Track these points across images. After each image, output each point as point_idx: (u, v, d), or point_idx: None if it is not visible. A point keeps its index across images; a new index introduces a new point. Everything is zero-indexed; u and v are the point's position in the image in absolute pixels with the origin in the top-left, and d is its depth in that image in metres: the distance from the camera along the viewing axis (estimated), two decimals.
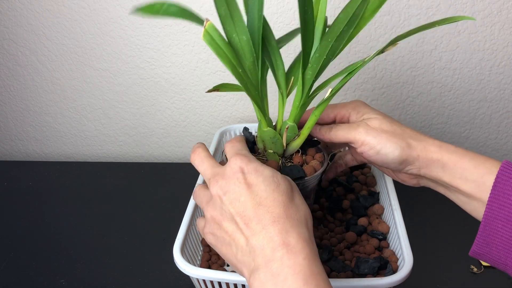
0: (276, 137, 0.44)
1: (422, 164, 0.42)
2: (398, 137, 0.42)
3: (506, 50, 0.71)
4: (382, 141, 0.42)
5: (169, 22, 0.72)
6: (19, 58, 0.79)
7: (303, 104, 0.44)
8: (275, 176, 0.37)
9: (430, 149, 0.41)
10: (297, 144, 0.46)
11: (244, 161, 0.38)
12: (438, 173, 0.41)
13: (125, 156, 0.89)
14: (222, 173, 0.38)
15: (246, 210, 0.35)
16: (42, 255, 0.62)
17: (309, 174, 0.44)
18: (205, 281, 0.47)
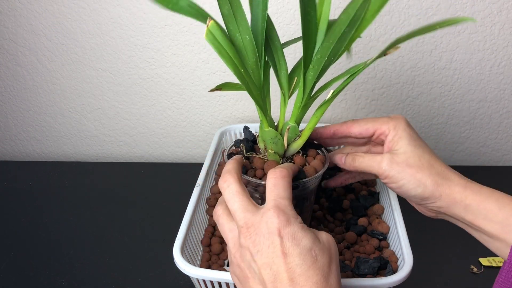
0: (277, 138, 0.44)
1: (443, 203, 0.41)
2: (423, 173, 0.41)
3: (506, 50, 0.71)
4: (406, 177, 0.41)
5: (169, 22, 0.72)
6: (19, 58, 0.79)
7: (305, 105, 0.44)
8: (314, 249, 0.34)
9: (454, 189, 0.41)
10: (298, 145, 0.45)
11: (283, 221, 0.34)
12: (460, 213, 0.41)
13: (125, 156, 0.89)
14: (256, 226, 0.35)
15: (277, 282, 0.33)
16: (42, 255, 0.62)
17: (310, 175, 0.44)
18: (205, 281, 0.47)
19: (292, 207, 0.36)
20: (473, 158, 0.84)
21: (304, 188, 0.45)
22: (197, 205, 0.57)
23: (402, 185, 0.42)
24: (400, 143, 0.43)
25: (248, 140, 0.48)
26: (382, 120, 0.46)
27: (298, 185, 0.44)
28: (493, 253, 0.58)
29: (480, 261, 0.58)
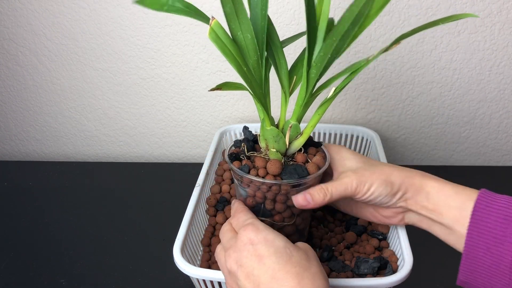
0: (279, 136, 0.44)
1: (409, 195, 0.43)
2: (385, 173, 0.43)
3: (506, 50, 0.71)
4: (374, 182, 0.43)
5: (169, 22, 0.72)
6: (19, 58, 0.79)
7: (306, 102, 0.44)
8: (288, 247, 0.36)
9: (415, 179, 0.43)
10: (300, 142, 0.45)
11: (253, 231, 0.37)
12: (423, 201, 0.42)
13: (125, 156, 0.89)
14: (234, 245, 0.38)
15: (261, 285, 0.34)
16: (42, 255, 0.62)
17: (312, 172, 0.44)
18: (205, 281, 0.47)
19: (260, 222, 0.40)
20: (473, 158, 0.84)
21: (308, 187, 0.45)
22: (197, 205, 0.57)
23: (374, 191, 0.42)
24: (348, 163, 0.46)
25: (249, 140, 0.48)
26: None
27: (300, 183, 0.44)
28: None
29: None
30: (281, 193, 0.44)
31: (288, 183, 0.43)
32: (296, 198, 0.43)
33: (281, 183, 0.43)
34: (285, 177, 0.43)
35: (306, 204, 0.43)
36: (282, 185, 0.43)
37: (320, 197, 0.42)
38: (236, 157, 0.47)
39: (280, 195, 0.44)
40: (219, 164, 0.70)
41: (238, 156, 0.47)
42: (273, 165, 0.43)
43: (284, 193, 0.44)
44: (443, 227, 0.43)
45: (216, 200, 0.63)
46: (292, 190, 0.44)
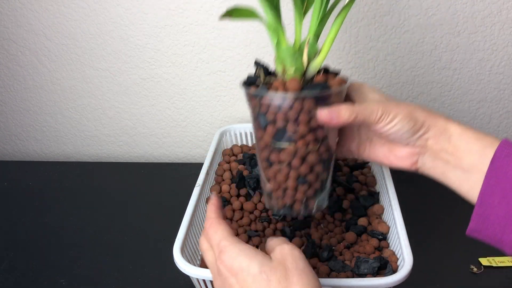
0: (297, 54, 0.41)
1: (431, 134, 0.42)
2: (411, 106, 0.42)
3: (506, 50, 0.71)
4: (399, 113, 0.41)
5: (169, 22, 0.72)
6: (19, 58, 0.79)
7: (323, 17, 0.42)
8: (263, 272, 0.35)
9: (439, 120, 0.42)
10: (319, 62, 0.42)
11: (228, 261, 0.37)
12: (444, 144, 0.41)
13: (125, 156, 0.89)
14: (217, 274, 0.38)
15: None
16: (42, 255, 0.62)
17: (335, 86, 0.41)
18: (205, 281, 0.47)
19: (232, 240, 0.38)
20: None
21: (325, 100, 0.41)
22: (197, 205, 0.57)
23: (397, 123, 0.41)
24: (371, 95, 0.44)
25: (264, 67, 0.45)
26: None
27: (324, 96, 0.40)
28: (493, 253, 0.58)
29: (480, 261, 0.58)
30: (304, 110, 0.40)
31: (311, 96, 0.40)
32: (322, 112, 0.40)
33: (304, 96, 0.40)
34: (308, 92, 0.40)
35: (331, 120, 0.40)
36: (305, 100, 0.40)
37: (346, 114, 0.40)
38: (252, 83, 0.44)
39: (303, 113, 0.40)
40: (219, 164, 0.70)
41: (253, 83, 0.44)
42: (292, 81, 0.40)
43: (307, 111, 0.40)
44: (459, 172, 0.41)
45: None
46: (315, 108, 0.40)
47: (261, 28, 0.71)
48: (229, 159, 0.71)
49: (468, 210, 0.51)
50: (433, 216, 0.66)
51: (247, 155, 0.71)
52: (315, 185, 0.44)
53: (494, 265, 0.57)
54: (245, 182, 0.65)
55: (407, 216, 0.53)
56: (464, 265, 0.58)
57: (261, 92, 0.40)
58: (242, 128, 0.76)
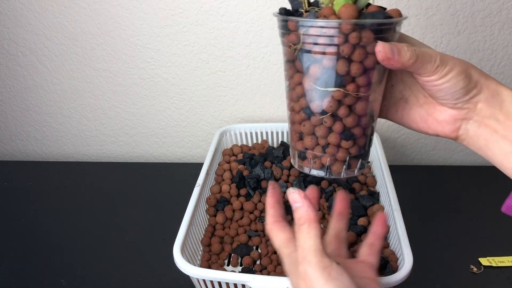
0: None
1: (483, 97, 0.37)
2: (466, 64, 0.37)
3: (506, 50, 0.71)
4: (455, 67, 0.36)
5: (169, 22, 0.72)
6: (19, 58, 0.79)
7: None
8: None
9: (492, 82, 0.37)
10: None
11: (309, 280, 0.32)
12: (495, 109, 0.37)
13: (125, 156, 0.89)
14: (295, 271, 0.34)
15: None
16: (42, 255, 0.62)
17: (395, 16, 0.35)
18: (205, 281, 0.47)
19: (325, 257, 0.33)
20: (473, 158, 0.84)
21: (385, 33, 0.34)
22: (197, 205, 0.57)
23: (452, 77, 0.36)
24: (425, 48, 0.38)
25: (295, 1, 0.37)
26: None
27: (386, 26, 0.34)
28: (493, 253, 0.58)
29: (480, 261, 0.58)
30: (361, 43, 0.33)
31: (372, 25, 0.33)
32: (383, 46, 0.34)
33: (364, 24, 0.32)
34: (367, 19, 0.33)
35: (391, 57, 0.34)
36: (364, 31, 0.33)
37: (406, 55, 0.34)
38: (290, 13, 0.36)
39: (359, 47, 0.33)
40: (219, 164, 0.70)
41: (292, 13, 0.36)
42: (349, 7, 0.33)
43: (364, 45, 0.33)
44: (505, 144, 0.37)
45: (216, 200, 0.63)
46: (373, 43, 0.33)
47: (261, 28, 0.71)
48: (229, 159, 0.71)
49: (468, 210, 0.51)
50: (433, 216, 0.66)
51: (247, 155, 0.71)
52: (360, 141, 0.37)
53: (494, 265, 0.57)
54: (245, 182, 0.65)
55: (407, 216, 0.53)
56: (464, 265, 0.58)
57: (308, 20, 0.32)
58: (242, 128, 0.76)
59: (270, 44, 0.72)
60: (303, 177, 0.65)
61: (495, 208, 0.67)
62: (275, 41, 0.72)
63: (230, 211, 0.62)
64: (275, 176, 0.66)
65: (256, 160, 0.68)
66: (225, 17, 0.71)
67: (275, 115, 0.80)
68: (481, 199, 0.68)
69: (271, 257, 0.57)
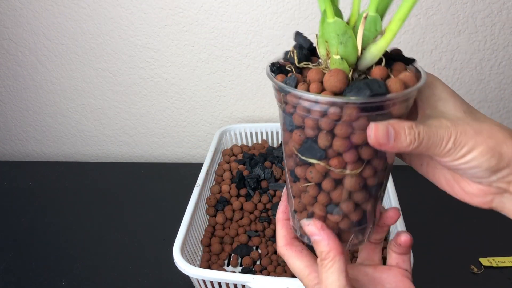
0: (348, 34, 0.29)
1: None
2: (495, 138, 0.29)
3: (506, 50, 0.71)
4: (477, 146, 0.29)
5: (169, 22, 0.72)
6: (19, 58, 0.79)
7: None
8: None
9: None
10: (380, 48, 0.29)
11: None
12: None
13: (125, 156, 0.89)
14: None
15: None
16: (42, 255, 0.62)
17: (394, 91, 0.27)
18: (205, 281, 0.47)
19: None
20: None
21: (383, 113, 0.28)
22: (197, 205, 0.57)
23: (472, 159, 0.29)
24: (441, 107, 0.31)
25: (302, 47, 0.33)
26: None
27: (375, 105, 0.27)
28: (493, 254, 0.58)
29: (481, 261, 0.58)
30: (343, 120, 0.27)
31: (354, 103, 0.27)
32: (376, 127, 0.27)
33: (344, 102, 0.27)
34: (349, 95, 0.27)
35: (384, 142, 0.27)
36: (346, 107, 0.27)
37: (406, 141, 0.27)
38: (281, 69, 0.32)
39: (341, 124, 0.28)
40: (219, 164, 0.70)
41: (283, 68, 0.32)
42: (334, 75, 0.28)
43: (348, 121, 0.28)
44: None
45: (216, 200, 0.63)
46: (360, 118, 0.28)
47: (261, 28, 0.71)
48: (229, 159, 0.71)
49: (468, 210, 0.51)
50: (433, 216, 0.66)
51: (247, 155, 0.71)
52: (353, 217, 0.31)
53: (495, 265, 0.57)
54: (245, 182, 0.65)
55: (408, 216, 0.53)
56: (465, 265, 0.58)
57: (286, 86, 0.29)
58: (242, 128, 0.76)
59: (270, 44, 0.72)
60: None
61: None
62: (275, 41, 0.72)
63: (230, 211, 0.62)
64: (275, 176, 0.66)
65: (256, 160, 0.68)
66: (225, 17, 0.71)
67: (275, 115, 0.80)
68: None
69: (271, 257, 0.57)
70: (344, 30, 0.29)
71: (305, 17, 0.69)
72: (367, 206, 0.32)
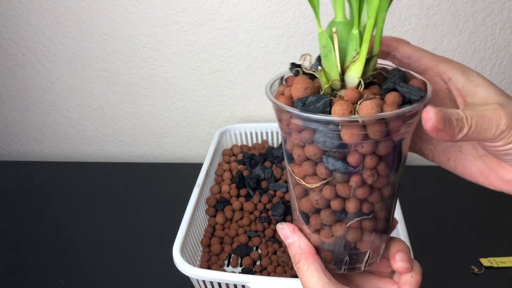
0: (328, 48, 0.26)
1: None
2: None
3: (507, 49, 0.71)
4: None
5: (168, 21, 0.72)
6: (18, 58, 0.78)
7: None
8: None
9: None
10: (356, 69, 0.26)
11: None
12: None
13: (125, 156, 0.89)
14: None
15: None
16: (42, 255, 0.62)
17: (364, 112, 0.24)
18: (204, 282, 0.47)
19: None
20: None
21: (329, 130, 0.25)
22: (197, 205, 0.57)
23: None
24: (482, 92, 0.28)
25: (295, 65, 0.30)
26: (440, 58, 0.31)
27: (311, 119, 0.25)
28: (494, 254, 0.58)
29: (481, 261, 0.57)
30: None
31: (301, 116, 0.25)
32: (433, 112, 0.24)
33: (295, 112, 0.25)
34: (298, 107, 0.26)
35: (442, 128, 0.25)
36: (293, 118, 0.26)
37: (456, 127, 0.25)
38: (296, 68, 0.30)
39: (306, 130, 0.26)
40: (219, 164, 0.70)
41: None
42: (298, 83, 0.26)
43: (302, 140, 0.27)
44: None
45: (215, 200, 0.63)
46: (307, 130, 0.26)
47: (261, 28, 0.71)
48: (229, 159, 0.71)
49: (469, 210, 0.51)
50: (433, 216, 0.66)
51: (247, 155, 0.70)
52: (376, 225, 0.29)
53: (495, 266, 0.57)
54: (245, 182, 0.65)
55: (407, 216, 0.53)
56: (465, 266, 0.57)
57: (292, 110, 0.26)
58: (242, 128, 0.75)
59: (270, 43, 0.72)
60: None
61: (496, 208, 0.67)
62: (275, 41, 0.72)
63: (230, 212, 0.62)
64: (275, 176, 0.66)
65: (256, 160, 0.68)
66: (225, 16, 0.71)
67: (275, 115, 0.80)
68: (482, 199, 0.68)
69: (271, 257, 0.56)
70: (325, 43, 0.27)
71: (305, 17, 0.69)
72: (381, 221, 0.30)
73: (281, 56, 0.73)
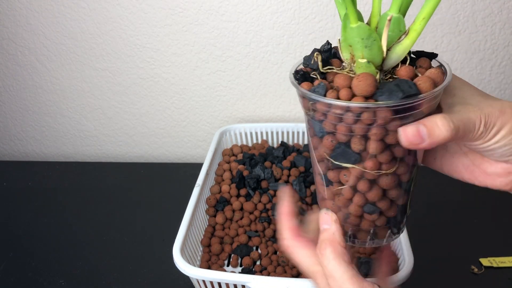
0: (372, 37, 0.29)
1: None
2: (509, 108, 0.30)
3: (507, 49, 0.71)
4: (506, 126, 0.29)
5: (168, 21, 0.72)
6: (18, 57, 0.78)
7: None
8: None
9: None
10: (405, 47, 0.29)
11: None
12: None
13: (125, 156, 0.89)
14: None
15: None
16: (42, 255, 0.62)
17: (425, 90, 0.28)
18: (204, 282, 0.47)
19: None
20: None
21: (414, 114, 0.28)
22: (197, 205, 0.57)
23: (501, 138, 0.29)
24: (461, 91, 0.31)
25: (324, 51, 0.32)
26: None
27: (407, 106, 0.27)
28: (494, 254, 0.58)
29: (481, 261, 0.57)
30: (377, 124, 0.28)
31: (387, 107, 0.27)
32: (405, 131, 0.28)
33: (377, 107, 0.27)
34: (382, 98, 0.28)
35: (419, 142, 0.28)
36: (378, 110, 0.27)
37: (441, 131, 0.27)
38: (305, 76, 0.32)
39: (375, 127, 0.28)
40: (219, 164, 0.70)
41: (307, 75, 0.32)
42: (363, 80, 0.28)
43: (382, 124, 0.28)
44: None
45: (216, 200, 0.63)
46: (393, 120, 0.28)
47: (261, 28, 0.71)
48: (229, 159, 0.71)
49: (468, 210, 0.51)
50: (433, 216, 0.66)
51: (247, 155, 0.70)
52: (389, 213, 0.32)
53: (495, 266, 0.57)
54: (245, 182, 0.65)
55: (408, 216, 0.53)
56: (465, 266, 0.57)
57: (315, 95, 0.29)
58: (242, 128, 0.75)
59: (270, 43, 0.72)
60: (303, 178, 0.64)
61: (496, 207, 0.67)
62: (275, 41, 0.72)
63: (230, 212, 0.62)
64: (275, 176, 0.66)
65: (256, 160, 0.68)
66: (225, 16, 0.71)
67: (275, 115, 0.80)
68: (482, 199, 0.68)
69: (271, 257, 0.56)
70: (369, 33, 0.29)
71: (305, 17, 0.69)
72: (401, 200, 0.32)
73: (281, 56, 0.73)
